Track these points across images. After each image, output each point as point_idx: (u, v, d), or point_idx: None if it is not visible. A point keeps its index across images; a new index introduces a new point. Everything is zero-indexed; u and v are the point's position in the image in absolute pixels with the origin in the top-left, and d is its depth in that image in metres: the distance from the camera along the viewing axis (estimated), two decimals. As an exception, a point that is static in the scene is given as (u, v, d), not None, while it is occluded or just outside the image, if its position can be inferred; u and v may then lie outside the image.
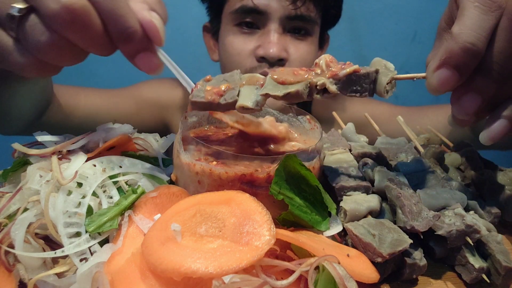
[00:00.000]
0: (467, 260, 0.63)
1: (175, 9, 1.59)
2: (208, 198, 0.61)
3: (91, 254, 0.59)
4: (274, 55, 1.27)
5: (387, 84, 0.63)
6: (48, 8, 0.53)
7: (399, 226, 0.64)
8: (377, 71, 0.63)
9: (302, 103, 1.61)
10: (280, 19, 1.29)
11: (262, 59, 1.30)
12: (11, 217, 0.64)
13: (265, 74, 1.15)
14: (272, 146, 0.76)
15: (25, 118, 1.12)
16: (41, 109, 1.17)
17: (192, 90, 0.68)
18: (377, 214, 0.70)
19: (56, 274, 0.56)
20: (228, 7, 1.37)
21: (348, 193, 0.72)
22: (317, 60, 0.66)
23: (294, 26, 1.33)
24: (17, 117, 1.08)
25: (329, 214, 0.67)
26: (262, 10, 1.29)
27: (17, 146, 0.73)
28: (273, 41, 1.28)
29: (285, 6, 1.28)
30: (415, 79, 0.65)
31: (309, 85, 0.64)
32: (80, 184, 0.65)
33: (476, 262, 0.62)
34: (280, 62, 1.30)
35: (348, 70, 0.62)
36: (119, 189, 0.68)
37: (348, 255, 0.58)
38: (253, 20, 1.32)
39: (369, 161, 0.80)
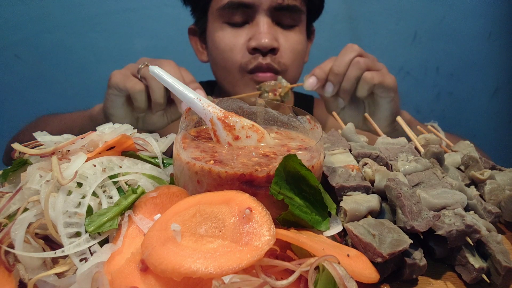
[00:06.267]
0: (467, 260, 0.63)
1: (179, 10, 1.59)
2: (208, 198, 0.61)
3: (91, 254, 0.59)
4: (267, 45, 1.29)
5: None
6: None
7: (399, 226, 0.64)
8: None
9: (304, 105, 1.63)
10: (268, 11, 1.32)
11: (254, 51, 1.32)
12: (11, 217, 0.64)
13: (260, 67, 1.35)
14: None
15: None
16: None
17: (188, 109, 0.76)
18: (377, 214, 0.70)
19: (56, 274, 0.56)
20: (214, 3, 1.38)
21: (348, 193, 0.72)
22: None
23: (281, 17, 1.35)
24: None
25: (329, 214, 0.66)
26: (250, 3, 1.30)
27: (17, 146, 0.73)
28: (264, 31, 1.30)
29: None
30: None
31: None
32: (80, 184, 0.65)
33: (476, 262, 0.62)
34: (272, 51, 1.32)
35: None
36: (119, 189, 0.68)
37: (348, 255, 0.58)
38: (241, 15, 1.34)
39: (369, 161, 0.80)
